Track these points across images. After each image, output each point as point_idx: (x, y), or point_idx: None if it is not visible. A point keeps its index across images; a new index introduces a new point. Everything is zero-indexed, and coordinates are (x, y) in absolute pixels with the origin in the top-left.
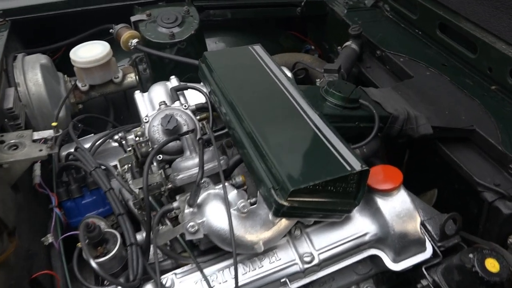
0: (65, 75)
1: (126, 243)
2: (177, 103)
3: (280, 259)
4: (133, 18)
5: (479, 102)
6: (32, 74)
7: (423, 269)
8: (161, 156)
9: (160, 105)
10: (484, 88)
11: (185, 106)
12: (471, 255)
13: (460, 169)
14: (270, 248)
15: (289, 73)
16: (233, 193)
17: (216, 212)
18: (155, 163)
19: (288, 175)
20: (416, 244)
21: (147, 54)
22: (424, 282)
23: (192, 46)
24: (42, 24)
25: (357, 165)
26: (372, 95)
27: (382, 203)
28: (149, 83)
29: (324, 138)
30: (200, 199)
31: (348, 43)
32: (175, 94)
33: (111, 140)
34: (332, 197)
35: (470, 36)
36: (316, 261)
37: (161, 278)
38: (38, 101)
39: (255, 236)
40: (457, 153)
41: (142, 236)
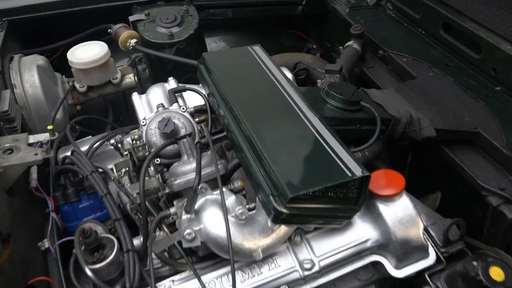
0: (63, 76)
1: (123, 249)
2: (175, 106)
3: (279, 265)
4: (131, 18)
5: (483, 103)
6: (28, 76)
7: (426, 276)
8: (158, 159)
9: (157, 108)
10: (488, 89)
11: (183, 108)
12: (475, 263)
13: (464, 172)
14: (270, 254)
15: (290, 74)
16: (231, 199)
17: (213, 219)
18: (152, 168)
19: (287, 181)
20: (418, 251)
21: (146, 54)
22: None
23: (191, 46)
24: (40, 24)
25: (358, 171)
26: (374, 96)
27: (384, 209)
28: (149, 83)
29: (324, 142)
30: (197, 205)
31: (349, 42)
32: (173, 96)
33: (108, 143)
34: (333, 203)
35: (474, 36)
36: (316, 268)
37: (158, 285)
38: (35, 103)
39: (253, 243)
40: (461, 156)
41: (140, 240)
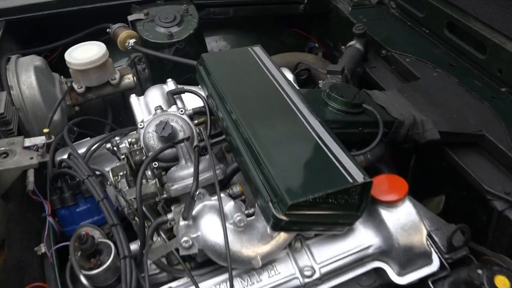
0: (62, 76)
1: (120, 255)
2: (173, 108)
3: (279, 272)
4: (130, 17)
5: (488, 105)
6: (25, 77)
7: (430, 283)
8: (156, 163)
9: (156, 110)
10: (493, 90)
11: (182, 111)
12: (480, 271)
13: (468, 176)
14: (269, 261)
15: (290, 75)
16: (229, 205)
17: (211, 226)
18: (149, 172)
19: (287, 188)
20: (422, 257)
21: (145, 54)
22: None
23: (191, 46)
24: (38, 24)
25: (360, 177)
26: (377, 98)
27: (386, 214)
28: (148, 83)
29: (325, 147)
30: (195, 211)
31: (352, 42)
32: (172, 98)
33: (105, 146)
34: (334, 209)
35: (479, 36)
36: (317, 275)
37: None
38: (32, 105)
39: (252, 251)
40: (465, 159)
41: (138, 245)
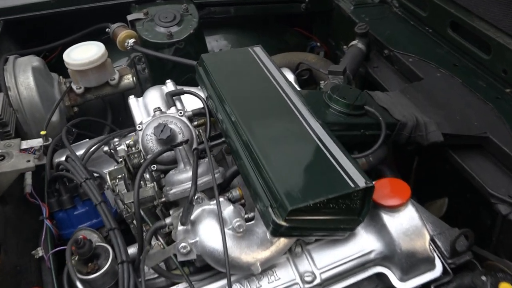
0: (61, 76)
1: (117, 260)
2: (172, 109)
3: (279, 278)
4: (129, 17)
5: (493, 106)
6: (23, 78)
7: None
8: (155, 166)
9: (154, 112)
10: (498, 91)
11: (181, 112)
12: (484, 278)
13: (472, 178)
14: (269, 266)
15: (291, 75)
16: (228, 210)
17: (209, 232)
18: (147, 175)
19: (287, 192)
20: (424, 262)
21: (145, 54)
22: None
23: (191, 46)
24: (36, 24)
25: (361, 181)
26: (379, 100)
27: (389, 219)
28: (148, 83)
29: (326, 150)
30: (194, 216)
31: (354, 42)
32: (171, 99)
33: (102, 150)
34: (335, 214)
35: (484, 36)
36: (317, 281)
37: None
38: (30, 106)
39: (251, 257)
40: (469, 162)
41: (136, 248)
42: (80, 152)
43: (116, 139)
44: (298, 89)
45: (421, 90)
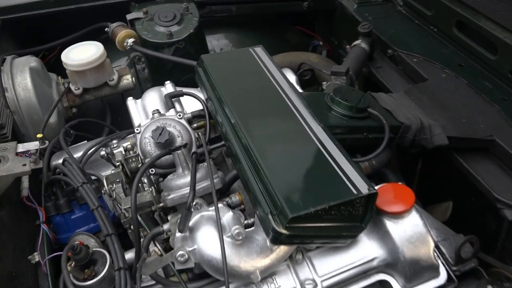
0: (59, 77)
1: (114, 266)
2: (171, 111)
3: (279, 286)
4: (129, 16)
5: (499, 108)
6: (21, 79)
7: None
8: (153, 169)
9: (153, 114)
10: (504, 92)
11: (180, 115)
12: (490, 287)
13: (477, 183)
14: (269, 274)
15: (293, 76)
16: (228, 216)
17: (208, 239)
18: (145, 180)
19: (287, 199)
20: (428, 270)
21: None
22: None
23: (191, 45)
24: (35, 23)
25: (364, 188)
26: (383, 101)
27: (392, 226)
28: (148, 83)
29: (328, 155)
30: (192, 222)
31: (357, 42)
32: (170, 101)
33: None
34: (337, 221)
35: (490, 35)
36: None
37: None
38: (28, 107)
39: (250, 265)
40: (475, 165)
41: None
42: (78, 154)
43: (114, 141)
44: (300, 90)
45: (426, 91)
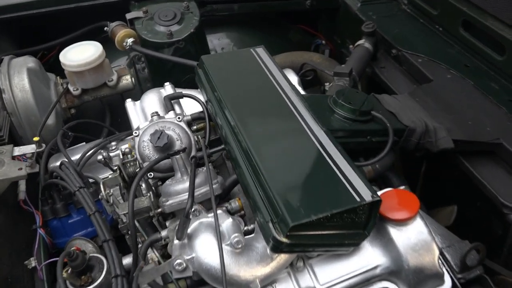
0: (58, 77)
1: (111, 273)
2: (171, 114)
3: None
4: (128, 15)
5: (506, 110)
6: (18, 80)
7: None
8: (152, 173)
9: (152, 116)
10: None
11: (179, 117)
12: None
13: (483, 187)
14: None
15: (295, 77)
16: (227, 223)
17: (207, 248)
18: (143, 184)
19: (288, 206)
20: (433, 278)
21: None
22: None
23: (192, 45)
24: (34, 22)
25: (368, 195)
26: (387, 104)
27: (396, 233)
28: (148, 83)
29: (331, 160)
30: (190, 229)
31: (361, 41)
32: (169, 103)
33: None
34: (339, 228)
35: (497, 36)
36: None
37: None
38: (25, 109)
39: (250, 274)
40: (481, 169)
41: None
42: (76, 157)
43: (113, 143)
44: (302, 91)
45: (431, 92)
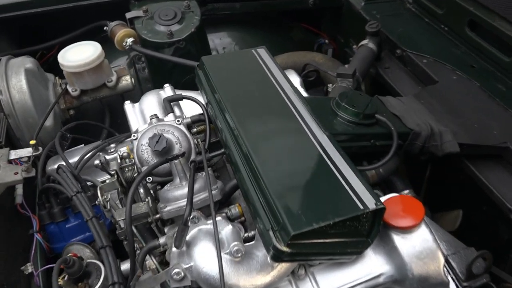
0: (57, 77)
1: (109, 281)
2: (170, 116)
3: None
4: (128, 15)
5: None
6: (16, 80)
7: None
8: (150, 178)
9: (151, 119)
10: None
11: (178, 120)
12: None
13: (490, 192)
14: None
15: (297, 78)
16: (227, 230)
17: (205, 256)
18: (141, 190)
19: (289, 214)
20: (438, 287)
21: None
22: None
23: (192, 45)
24: (33, 22)
25: (371, 203)
26: (391, 106)
27: (400, 241)
28: (148, 83)
29: (334, 166)
30: (189, 236)
31: (364, 41)
32: (169, 105)
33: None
34: (341, 236)
35: (505, 36)
36: None
37: None
38: (23, 110)
39: (250, 283)
40: (487, 173)
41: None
42: (74, 159)
43: (112, 145)
44: (304, 92)
45: (436, 94)
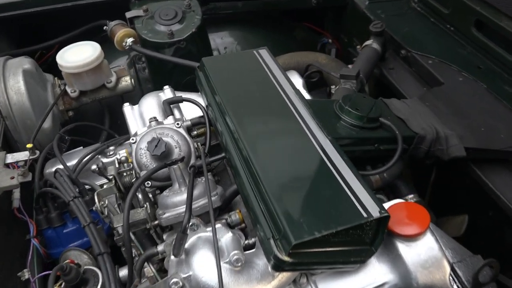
0: (56, 78)
1: None
2: (170, 119)
3: None
4: (128, 14)
5: None
6: (13, 82)
7: None
8: (149, 182)
9: (150, 122)
10: None
11: (178, 123)
12: None
13: (496, 197)
14: None
15: (300, 79)
16: (226, 238)
17: (204, 265)
18: (140, 195)
19: (291, 223)
20: None
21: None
22: None
23: (193, 45)
24: (31, 21)
25: (375, 210)
26: (395, 109)
27: (404, 249)
28: (148, 84)
29: (337, 172)
30: (188, 244)
31: (368, 42)
32: (168, 108)
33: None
34: (344, 245)
35: None
36: None
37: None
38: (21, 112)
39: None
40: (494, 178)
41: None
42: (73, 162)
43: (111, 148)
44: (306, 94)
45: (442, 96)
